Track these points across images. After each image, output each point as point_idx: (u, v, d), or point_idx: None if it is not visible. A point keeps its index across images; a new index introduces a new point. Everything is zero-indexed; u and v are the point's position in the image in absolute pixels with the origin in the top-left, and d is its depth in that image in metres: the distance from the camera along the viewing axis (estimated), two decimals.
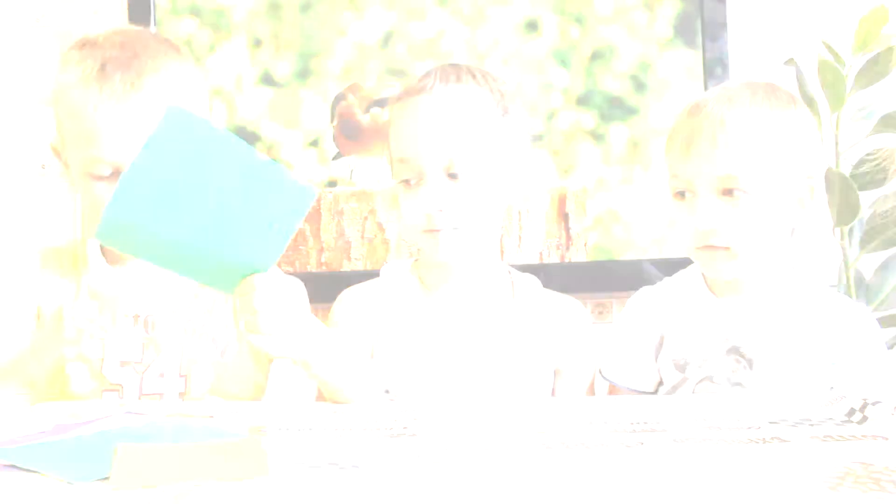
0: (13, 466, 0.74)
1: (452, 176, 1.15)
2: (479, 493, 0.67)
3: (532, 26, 1.85)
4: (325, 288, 1.34)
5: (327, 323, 1.25)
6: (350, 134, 1.82)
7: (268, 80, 1.83)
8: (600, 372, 1.28)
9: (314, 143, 1.84)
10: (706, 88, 1.77)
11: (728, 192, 1.12)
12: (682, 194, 1.17)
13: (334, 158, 1.83)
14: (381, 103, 1.80)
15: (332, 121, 1.82)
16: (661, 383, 1.25)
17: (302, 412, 0.98)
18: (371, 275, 1.33)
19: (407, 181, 1.17)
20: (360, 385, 1.08)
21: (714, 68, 1.84)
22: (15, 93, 1.89)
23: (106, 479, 0.71)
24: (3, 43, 1.88)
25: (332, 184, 1.82)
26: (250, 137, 1.82)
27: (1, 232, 1.88)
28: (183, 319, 1.17)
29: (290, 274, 1.04)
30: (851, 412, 0.92)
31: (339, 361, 1.06)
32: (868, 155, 1.65)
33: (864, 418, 0.90)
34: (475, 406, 1.04)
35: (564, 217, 1.83)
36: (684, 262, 1.24)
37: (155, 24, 1.82)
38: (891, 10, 1.61)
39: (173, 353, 1.15)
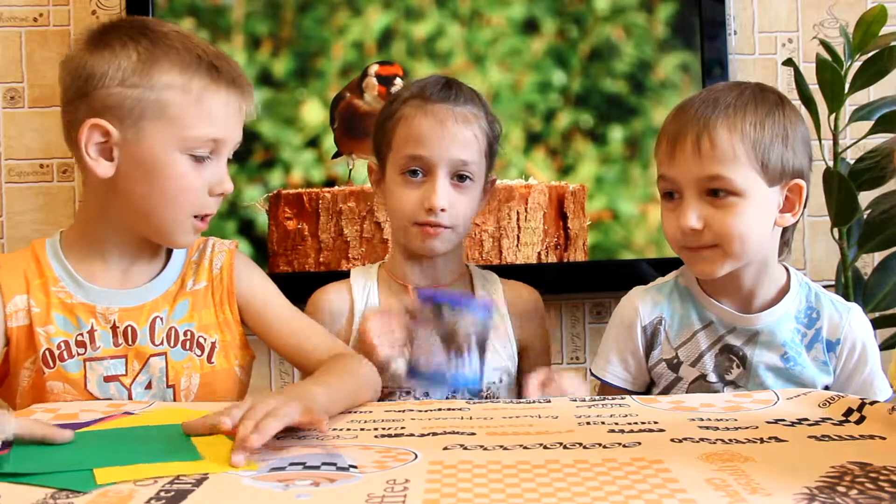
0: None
1: (460, 177, 1.26)
2: (477, 493, 0.67)
3: (531, 26, 1.85)
4: None
5: None
6: (351, 133, 1.82)
7: (266, 79, 1.83)
8: (591, 371, 1.29)
9: (313, 143, 1.84)
10: (703, 88, 1.77)
11: (712, 193, 1.12)
12: (669, 195, 1.17)
13: (334, 157, 1.83)
14: (387, 81, 1.80)
15: (332, 122, 1.82)
16: (652, 383, 1.25)
17: None
18: None
19: (412, 173, 1.25)
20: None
21: (712, 68, 1.84)
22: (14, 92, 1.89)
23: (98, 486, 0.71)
24: (2, 42, 1.88)
25: (331, 183, 1.82)
26: (249, 137, 1.81)
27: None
28: (164, 327, 1.14)
29: (289, 273, 1.04)
30: (849, 412, 0.92)
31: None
32: (868, 153, 1.65)
33: (862, 418, 0.90)
34: (470, 404, 1.04)
35: (563, 217, 1.83)
36: (680, 262, 1.25)
37: None
38: (889, 10, 1.62)
39: (158, 364, 1.13)
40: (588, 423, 0.91)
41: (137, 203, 1.10)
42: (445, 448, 0.81)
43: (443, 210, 1.23)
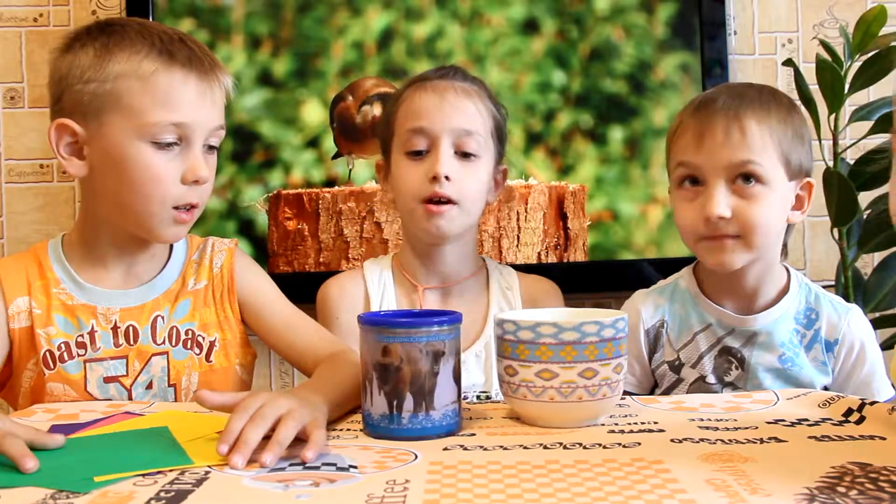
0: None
1: (464, 155, 1.23)
2: (477, 493, 0.67)
3: (531, 26, 1.85)
4: None
5: (315, 312, 1.29)
6: (349, 134, 1.82)
7: (266, 79, 1.83)
8: None
9: (313, 143, 1.84)
10: (704, 89, 1.77)
11: (743, 179, 1.13)
12: (692, 181, 1.16)
13: (334, 157, 1.83)
14: (370, 101, 1.80)
15: (331, 122, 1.82)
16: (655, 385, 1.25)
17: None
18: None
19: (416, 152, 1.23)
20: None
21: (712, 69, 1.84)
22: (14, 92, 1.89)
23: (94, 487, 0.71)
24: (2, 42, 1.88)
25: (331, 183, 1.82)
26: (249, 137, 1.82)
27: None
28: (166, 326, 1.14)
29: (289, 274, 1.04)
30: (849, 412, 0.92)
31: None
32: (871, 150, 1.65)
33: (862, 418, 0.90)
34: (470, 405, 1.04)
35: (563, 217, 1.83)
36: (681, 263, 1.25)
37: None
38: (889, 10, 1.62)
39: (159, 363, 1.13)
40: (588, 424, 0.91)
41: (113, 199, 1.09)
42: (445, 448, 0.81)
43: (447, 178, 1.20)
